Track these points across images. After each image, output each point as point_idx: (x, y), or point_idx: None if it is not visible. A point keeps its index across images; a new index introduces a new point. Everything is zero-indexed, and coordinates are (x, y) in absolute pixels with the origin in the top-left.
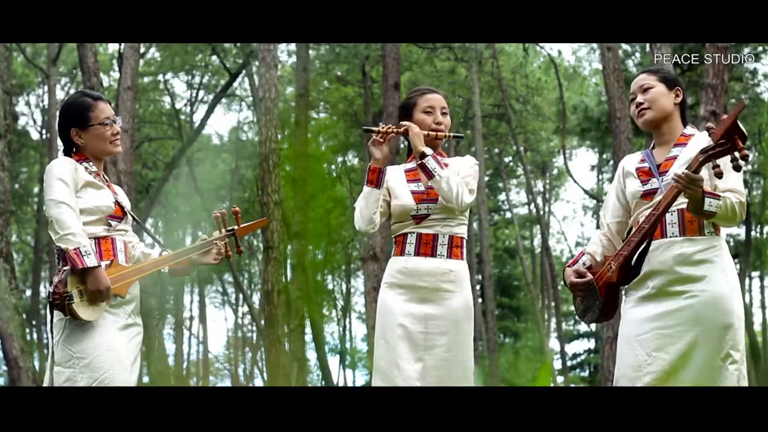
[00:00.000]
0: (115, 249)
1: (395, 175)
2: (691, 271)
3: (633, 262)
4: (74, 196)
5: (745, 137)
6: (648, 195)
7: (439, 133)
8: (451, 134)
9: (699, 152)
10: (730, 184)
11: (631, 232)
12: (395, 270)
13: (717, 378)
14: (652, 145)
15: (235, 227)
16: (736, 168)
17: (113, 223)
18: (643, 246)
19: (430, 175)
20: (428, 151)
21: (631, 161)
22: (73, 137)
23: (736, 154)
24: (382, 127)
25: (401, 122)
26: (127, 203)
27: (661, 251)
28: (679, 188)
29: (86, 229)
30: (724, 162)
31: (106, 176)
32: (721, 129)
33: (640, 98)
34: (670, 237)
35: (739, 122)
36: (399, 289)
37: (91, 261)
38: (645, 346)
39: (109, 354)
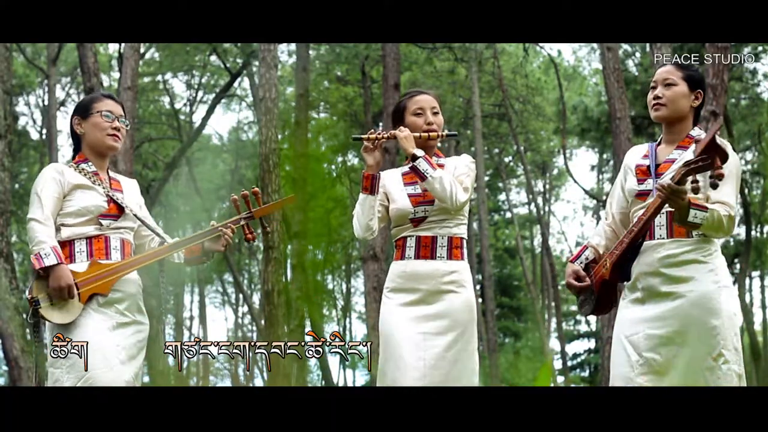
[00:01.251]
0: (109, 247)
1: (393, 179)
2: (677, 273)
3: (624, 262)
4: (48, 206)
5: (725, 156)
6: (642, 195)
7: (431, 134)
8: (445, 133)
9: (682, 164)
10: (721, 197)
11: (625, 233)
12: (395, 274)
13: (710, 378)
14: (659, 140)
15: (253, 209)
16: (713, 186)
17: (105, 222)
18: (634, 247)
19: (422, 176)
20: (419, 152)
21: (634, 156)
22: (74, 125)
23: (712, 173)
24: (372, 134)
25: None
26: (131, 200)
27: (649, 253)
28: (662, 198)
29: (77, 229)
30: (704, 178)
31: (112, 175)
32: (700, 146)
33: (659, 91)
34: (658, 239)
35: (718, 141)
36: (400, 293)
37: (49, 261)
38: (636, 347)
39: (94, 354)
